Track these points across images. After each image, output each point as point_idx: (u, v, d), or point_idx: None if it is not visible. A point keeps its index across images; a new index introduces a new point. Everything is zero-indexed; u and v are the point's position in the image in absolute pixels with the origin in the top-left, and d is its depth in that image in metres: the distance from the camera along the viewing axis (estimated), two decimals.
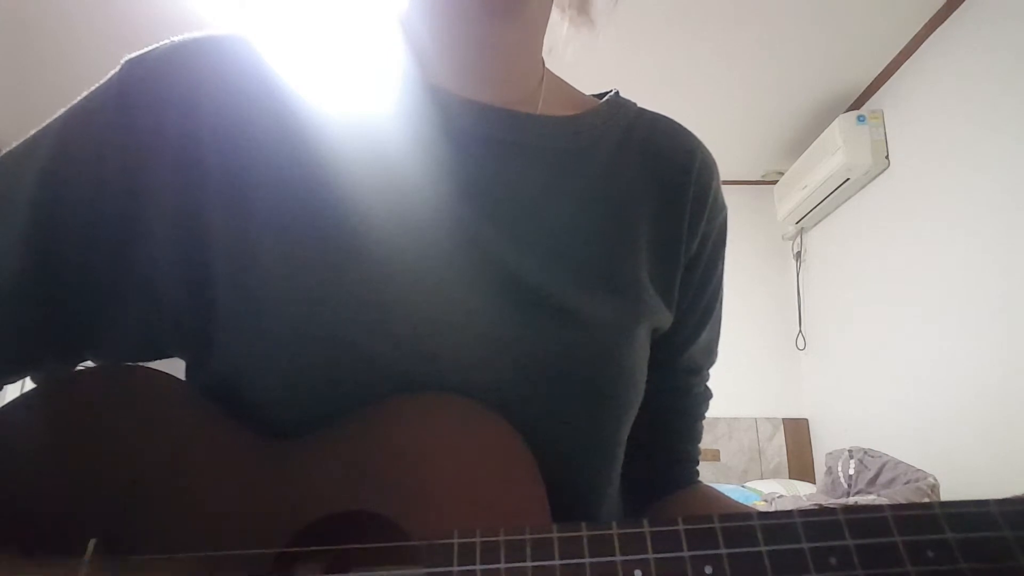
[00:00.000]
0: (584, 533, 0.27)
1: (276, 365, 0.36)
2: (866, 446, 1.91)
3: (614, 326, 0.41)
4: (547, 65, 0.50)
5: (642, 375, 0.43)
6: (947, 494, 1.64)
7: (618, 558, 0.26)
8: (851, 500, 1.66)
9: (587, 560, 0.26)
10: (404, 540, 0.31)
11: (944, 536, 0.24)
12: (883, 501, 1.56)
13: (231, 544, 0.32)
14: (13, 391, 0.39)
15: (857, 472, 1.85)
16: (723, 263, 0.52)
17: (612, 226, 0.44)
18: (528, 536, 0.27)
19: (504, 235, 0.40)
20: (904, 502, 1.41)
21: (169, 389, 0.37)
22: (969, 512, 0.25)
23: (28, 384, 0.38)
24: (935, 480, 1.62)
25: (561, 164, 0.44)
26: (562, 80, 0.51)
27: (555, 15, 0.48)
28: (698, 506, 0.50)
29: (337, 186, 0.38)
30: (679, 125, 0.51)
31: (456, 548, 0.28)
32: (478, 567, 0.27)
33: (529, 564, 0.26)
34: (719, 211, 0.51)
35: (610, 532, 0.26)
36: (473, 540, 0.28)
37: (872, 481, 1.78)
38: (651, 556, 0.25)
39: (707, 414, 0.55)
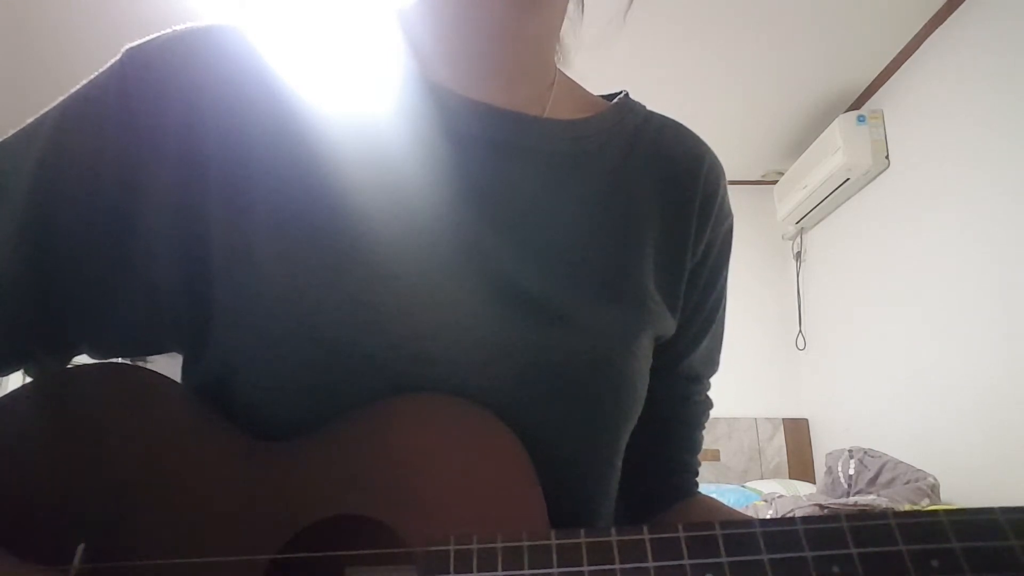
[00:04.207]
0: (583, 540, 0.26)
1: (271, 364, 0.35)
2: (866, 446, 1.91)
3: (615, 334, 0.40)
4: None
5: (643, 384, 0.43)
6: (947, 494, 1.64)
7: (617, 566, 0.25)
8: (851, 500, 1.65)
9: (586, 568, 0.25)
10: (399, 545, 0.31)
11: (950, 545, 0.23)
12: (883, 501, 1.55)
13: (223, 549, 0.31)
14: (14, 383, 0.38)
15: (857, 472, 1.84)
16: (727, 270, 0.51)
17: (617, 232, 0.43)
18: (526, 543, 0.27)
19: (504, 240, 0.40)
20: (904, 502, 1.41)
21: (164, 390, 0.37)
22: (975, 520, 0.24)
23: (29, 378, 0.38)
24: (935, 480, 1.62)
25: (565, 169, 0.43)
26: (574, 83, 0.50)
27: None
28: (698, 518, 0.50)
29: (335, 185, 0.37)
30: (687, 130, 0.51)
31: (452, 554, 0.27)
32: (475, 574, 0.27)
33: (527, 571, 0.26)
34: (725, 217, 0.50)
35: (609, 539, 0.26)
36: (470, 546, 0.27)
37: (872, 481, 1.78)
38: (651, 564, 0.25)
39: (710, 413, 0.54)
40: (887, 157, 2.04)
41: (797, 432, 2.55)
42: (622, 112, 0.48)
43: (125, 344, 0.40)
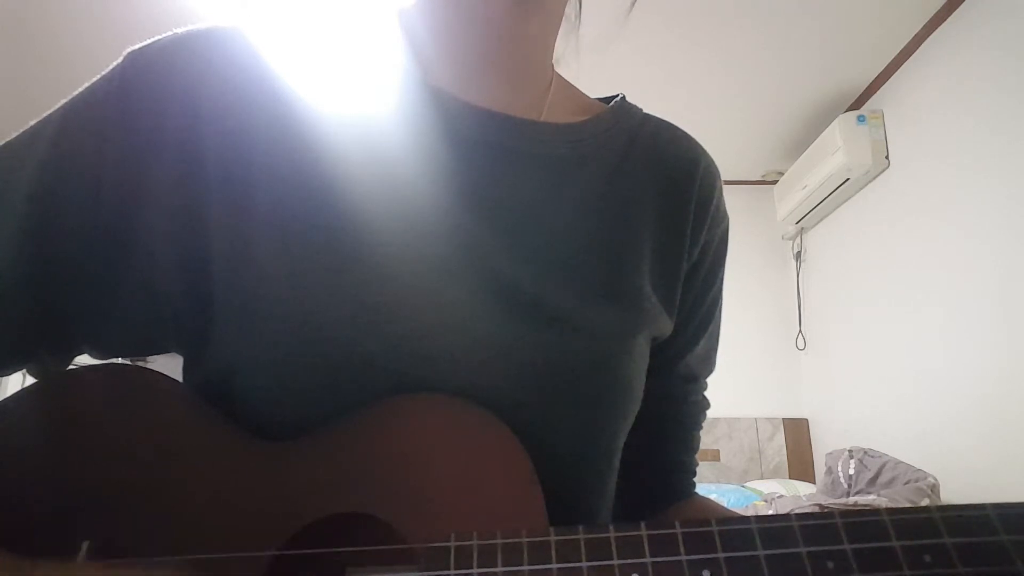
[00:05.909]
0: (581, 536, 0.27)
1: (271, 364, 0.35)
2: (866, 446, 1.91)
3: (612, 334, 0.41)
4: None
5: (640, 383, 0.43)
6: (947, 494, 1.64)
7: (615, 562, 0.25)
8: (851, 500, 1.66)
9: (584, 564, 0.26)
10: (399, 542, 0.31)
11: (942, 540, 0.24)
12: (883, 501, 1.56)
13: (226, 546, 0.32)
14: (15, 384, 0.38)
15: (857, 472, 1.85)
16: (723, 272, 0.52)
17: (613, 234, 0.44)
18: (525, 539, 0.27)
19: (502, 242, 0.40)
20: (904, 502, 1.42)
21: (166, 390, 0.37)
22: (967, 516, 0.25)
23: (29, 378, 0.38)
24: (935, 480, 1.62)
25: (562, 172, 0.44)
26: (571, 85, 0.50)
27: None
28: (695, 517, 0.50)
29: (336, 187, 0.37)
30: (683, 132, 0.51)
31: (452, 551, 0.28)
32: (475, 571, 0.27)
33: (526, 568, 0.26)
34: (721, 220, 0.50)
35: (607, 535, 0.26)
36: (470, 543, 0.28)
37: (872, 481, 1.78)
38: (648, 560, 0.25)
39: (707, 414, 0.55)
40: (887, 157, 2.05)
41: (797, 432, 2.55)
42: (618, 115, 0.48)
43: (126, 344, 0.40)
